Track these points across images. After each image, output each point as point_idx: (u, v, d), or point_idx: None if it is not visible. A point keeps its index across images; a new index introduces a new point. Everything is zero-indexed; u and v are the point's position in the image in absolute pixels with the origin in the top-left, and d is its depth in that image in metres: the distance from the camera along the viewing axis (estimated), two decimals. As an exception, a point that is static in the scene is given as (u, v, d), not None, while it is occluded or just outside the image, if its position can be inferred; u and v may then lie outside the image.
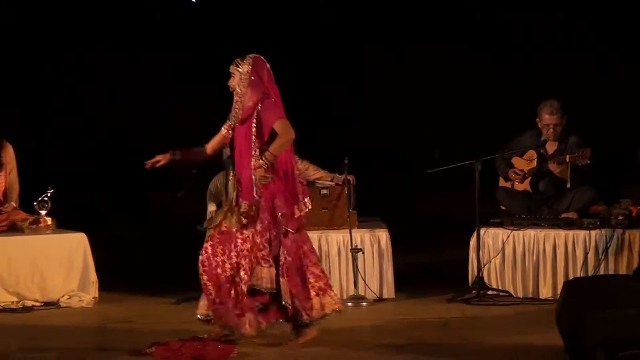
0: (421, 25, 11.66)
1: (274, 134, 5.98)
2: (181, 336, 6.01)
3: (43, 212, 7.54)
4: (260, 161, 5.91)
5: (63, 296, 7.40)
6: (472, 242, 7.57)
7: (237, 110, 6.08)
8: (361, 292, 7.41)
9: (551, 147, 7.88)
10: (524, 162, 7.95)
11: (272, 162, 5.94)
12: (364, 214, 7.91)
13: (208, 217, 7.97)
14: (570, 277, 7.24)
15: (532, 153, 7.91)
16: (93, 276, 7.50)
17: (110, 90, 11.70)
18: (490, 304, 7.29)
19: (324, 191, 7.69)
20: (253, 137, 6.00)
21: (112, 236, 9.62)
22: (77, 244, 7.50)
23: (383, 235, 7.59)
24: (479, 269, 7.48)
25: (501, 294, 7.48)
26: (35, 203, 7.55)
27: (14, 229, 7.53)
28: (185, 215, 9.32)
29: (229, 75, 6.09)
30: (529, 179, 7.87)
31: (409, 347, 6.01)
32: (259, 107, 6.01)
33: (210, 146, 6.25)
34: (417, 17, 11.67)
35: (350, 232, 7.46)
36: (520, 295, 7.51)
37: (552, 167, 7.69)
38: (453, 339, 6.23)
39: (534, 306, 7.21)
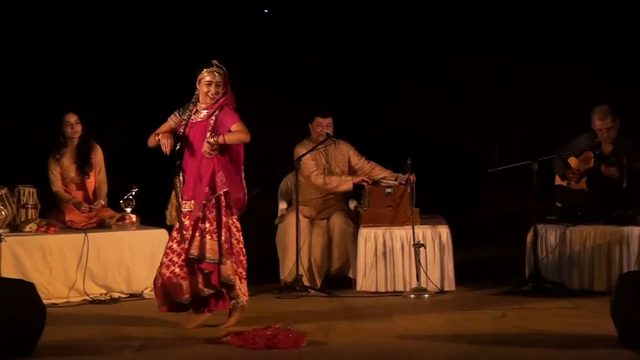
0: (483, 24, 11.54)
1: None
2: (255, 326, 6.12)
3: (128, 210, 7.67)
4: (212, 140, 6.12)
5: (146, 288, 7.50)
6: (529, 237, 7.57)
7: (202, 108, 6.29)
8: (423, 284, 7.46)
9: (607, 148, 7.83)
10: (580, 162, 7.92)
11: (222, 145, 6.16)
12: (426, 212, 7.96)
13: (279, 215, 8.13)
14: (625, 271, 7.19)
15: (588, 153, 7.88)
16: (174, 270, 7.64)
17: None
18: (546, 295, 7.27)
19: (388, 190, 7.76)
20: (208, 134, 6.20)
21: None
22: (158, 239, 7.60)
23: (444, 231, 7.63)
24: (536, 262, 7.48)
25: (557, 286, 7.45)
26: (121, 201, 7.69)
27: (102, 225, 7.67)
28: (259, 212, 9.42)
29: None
30: (585, 178, 7.85)
31: (468, 336, 6.06)
32: (219, 111, 6.23)
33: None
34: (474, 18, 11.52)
35: (413, 228, 7.52)
36: (575, 287, 7.48)
37: (604, 169, 7.66)
38: (510, 329, 6.25)
39: (588, 298, 7.20)
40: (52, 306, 6.86)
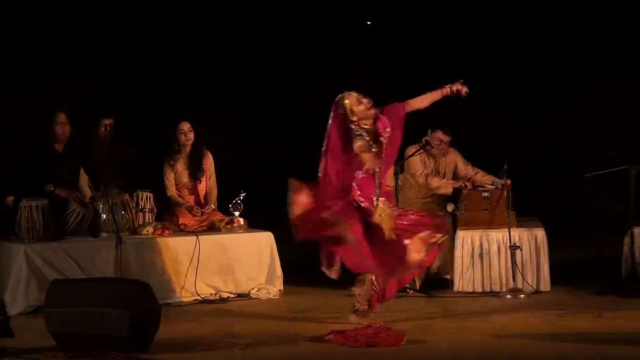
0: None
1: None
2: (356, 325, 6.12)
3: (236, 214, 7.74)
4: None
5: (253, 289, 7.57)
6: (626, 240, 7.40)
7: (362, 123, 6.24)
8: (519, 285, 7.38)
9: None
10: None
11: None
12: (524, 214, 7.86)
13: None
14: None
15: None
16: (279, 271, 7.67)
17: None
18: (644, 296, 7.13)
19: (485, 194, 7.69)
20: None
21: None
22: (265, 241, 7.67)
23: (540, 233, 7.52)
24: (633, 264, 7.31)
25: (654, 287, 7.30)
26: (230, 205, 7.76)
27: (212, 228, 7.73)
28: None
29: None
30: None
31: (564, 335, 5.98)
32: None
33: None
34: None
35: (509, 231, 7.43)
36: (673, 289, 7.30)
37: None
38: (607, 328, 6.15)
39: (687, 298, 7.01)
40: (167, 305, 6.94)
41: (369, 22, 11.72)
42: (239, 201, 7.77)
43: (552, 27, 11.41)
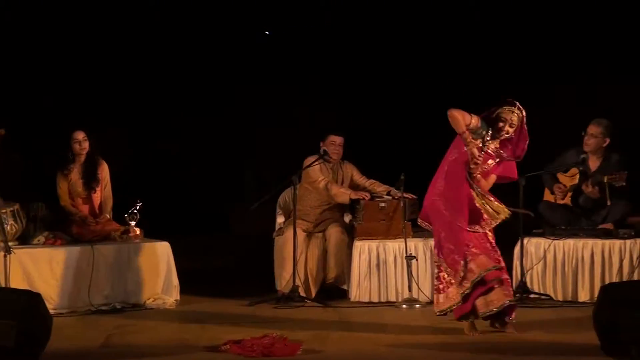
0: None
1: None
2: (252, 335, 6.06)
3: (132, 223, 7.67)
4: None
5: (149, 299, 7.50)
6: (516, 250, 7.57)
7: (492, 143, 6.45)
8: (414, 295, 7.46)
9: (594, 164, 7.80)
10: (567, 178, 7.93)
11: None
12: (419, 225, 7.95)
13: (277, 228, 8.13)
14: (607, 282, 7.21)
15: (574, 170, 7.88)
16: (175, 281, 7.62)
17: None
18: (532, 306, 7.28)
19: (382, 204, 7.76)
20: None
21: (193, 244, 9.73)
22: (161, 251, 7.60)
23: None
24: (522, 274, 7.48)
25: (542, 297, 7.47)
26: (125, 215, 7.70)
27: (107, 238, 7.63)
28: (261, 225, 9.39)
29: None
30: (570, 193, 7.85)
31: (457, 345, 6.05)
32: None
33: None
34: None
35: (405, 241, 7.52)
36: (560, 298, 7.51)
37: (584, 187, 7.66)
38: (498, 338, 6.23)
39: (572, 308, 7.21)
40: (58, 315, 6.83)
41: (267, 32, 11.65)
42: (135, 211, 7.69)
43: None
